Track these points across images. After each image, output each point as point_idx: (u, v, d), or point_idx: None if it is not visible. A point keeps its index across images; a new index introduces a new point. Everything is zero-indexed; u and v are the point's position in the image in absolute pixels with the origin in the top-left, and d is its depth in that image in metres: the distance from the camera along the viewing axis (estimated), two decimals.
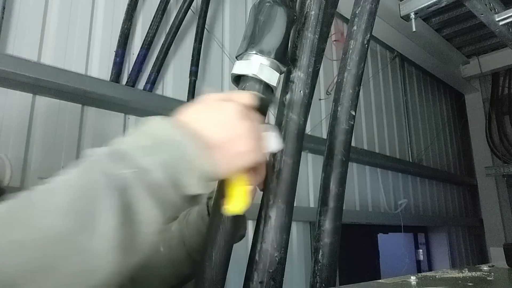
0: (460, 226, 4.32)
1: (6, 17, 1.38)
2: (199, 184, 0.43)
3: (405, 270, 3.47)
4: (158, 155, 0.41)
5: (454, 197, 4.40)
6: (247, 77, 0.62)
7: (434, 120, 4.31)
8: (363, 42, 0.81)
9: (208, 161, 0.44)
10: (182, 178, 0.42)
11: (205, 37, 1.97)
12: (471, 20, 3.38)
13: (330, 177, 0.75)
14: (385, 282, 0.68)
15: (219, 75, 2.08)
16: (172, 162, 0.42)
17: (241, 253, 1.03)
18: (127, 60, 1.71)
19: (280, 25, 0.62)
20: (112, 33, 1.68)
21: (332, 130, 0.78)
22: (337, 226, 0.73)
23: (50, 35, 1.49)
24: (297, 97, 0.68)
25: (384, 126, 3.43)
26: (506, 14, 1.91)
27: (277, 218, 0.63)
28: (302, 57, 0.69)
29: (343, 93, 0.79)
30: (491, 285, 0.71)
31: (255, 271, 0.61)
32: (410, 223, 3.41)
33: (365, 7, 0.83)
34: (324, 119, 2.68)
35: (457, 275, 0.78)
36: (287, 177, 0.64)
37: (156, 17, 1.79)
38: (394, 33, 3.16)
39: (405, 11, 2.08)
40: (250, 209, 0.53)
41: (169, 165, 0.42)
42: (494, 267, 0.92)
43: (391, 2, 2.60)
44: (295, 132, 0.66)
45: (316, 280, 0.70)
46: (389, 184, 3.35)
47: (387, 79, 3.62)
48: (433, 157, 4.10)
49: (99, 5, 1.68)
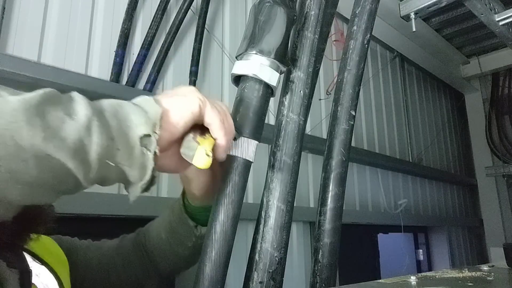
0: (460, 226, 4.32)
1: (6, 17, 1.38)
2: (147, 124, 0.43)
3: (405, 270, 3.47)
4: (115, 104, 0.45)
5: (454, 197, 4.40)
6: (247, 77, 0.62)
7: (434, 120, 4.31)
8: (363, 42, 0.81)
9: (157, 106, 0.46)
10: (130, 117, 0.43)
11: (205, 37, 1.97)
12: (471, 20, 3.39)
13: (330, 177, 0.75)
14: (385, 282, 0.68)
15: (219, 75, 2.08)
16: (121, 104, 0.44)
17: (241, 253, 1.04)
18: (127, 60, 1.71)
19: (280, 25, 0.62)
20: (112, 33, 1.68)
21: (332, 130, 0.78)
22: (337, 226, 0.73)
23: (50, 35, 1.49)
24: (297, 97, 0.68)
25: (384, 126, 3.43)
26: (506, 14, 1.91)
27: (277, 218, 0.63)
28: (302, 57, 0.69)
29: (343, 93, 0.79)
30: (491, 285, 0.71)
31: (255, 271, 0.61)
32: (410, 223, 3.41)
33: (365, 7, 0.83)
34: (324, 119, 2.68)
35: (457, 275, 0.78)
36: (287, 177, 0.64)
37: (156, 17, 1.79)
38: (394, 33, 3.16)
39: (405, 11, 2.08)
40: (250, 209, 0.53)
41: (119, 106, 0.44)
42: (494, 267, 0.92)
43: (391, 2, 2.60)
44: (295, 132, 0.66)
45: (316, 280, 0.70)
46: (389, 184, 3.35)
47: (387, 79, 3.62)
48: (433, 157, 4.10)
49: (99, 5, 1.68)
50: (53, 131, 0.37)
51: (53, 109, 0.38)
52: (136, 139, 0.43)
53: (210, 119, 0.51)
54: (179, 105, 0.48)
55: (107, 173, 0.42)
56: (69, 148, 0.37)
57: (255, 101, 0.61)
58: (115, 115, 0.42)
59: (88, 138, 0.39)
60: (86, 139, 0.39)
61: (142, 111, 0.44)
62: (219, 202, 0.57)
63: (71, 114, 0.39)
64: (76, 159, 0.38)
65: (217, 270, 0.54)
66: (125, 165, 0.42)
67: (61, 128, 0.37)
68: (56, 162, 0.37)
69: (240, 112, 0.61)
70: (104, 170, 0.41)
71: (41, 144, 0.35)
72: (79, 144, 0.38)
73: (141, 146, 0.43)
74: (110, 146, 0.40)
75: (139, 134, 0.43)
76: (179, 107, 0.48)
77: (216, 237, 0.55)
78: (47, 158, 0.36)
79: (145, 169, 0.43)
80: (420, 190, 3.79)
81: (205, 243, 0.56)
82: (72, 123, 0.38)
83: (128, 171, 0.43)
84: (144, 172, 0.43)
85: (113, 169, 0.42)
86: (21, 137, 0.34)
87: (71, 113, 0.39)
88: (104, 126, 0.40)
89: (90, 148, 0.39)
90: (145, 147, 0.43)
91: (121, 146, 0.41)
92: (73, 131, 0.38)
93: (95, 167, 0.40)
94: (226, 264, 0.56)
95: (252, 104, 0.61)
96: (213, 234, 0.56)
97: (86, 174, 0.40)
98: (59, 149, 0.37)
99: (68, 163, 0.37)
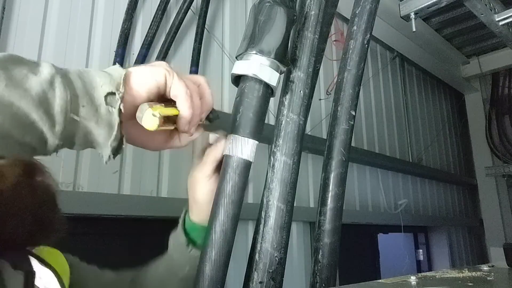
0: (460, 226, 4.33)
1: (6, 17, 1.38)
2: (111, 84, 0.45)
3: (405, 270, 3.47)
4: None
5: (454, 197, 4.40)
6: (247, 77, 0.62)
7: (434, 120, 4.32)
8: (363, 42, 0.81)
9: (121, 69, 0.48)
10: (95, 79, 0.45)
11: (205, 37, 1.97)
12: (471, 20, 3.39)
13: (330, 177, 0.75)
14: (385, 282, 0.68)
15: (219, 75, 2.08)
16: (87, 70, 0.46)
17: (241, 253, 1.04)
18: (127, 60, 1.71)
19: (280, 25, 0.62)
20: (112, 33, 1.68)
21: (332, 130, 0.78)
22: (337, 226, 0.73)
23: (50, 35, 1.49)
24: (297, 97, 0.68)
25: (384, 126, 3.43)
26: (506, 14, 1.91)
27: (277, 218, 0.63)
28: (302, 57, 0.69)
29: (343, 93, 0.79)
30: (491, 285, 0.71)
31: (255, 271, 0.61)
32: (410, 223, 3.41)
33: (365, 7, 0.83)
34: (324, 119, 2.68)
35: (457, 275, 0.78)
36: (287, 177, 0.64)
37: (156, 17, 1.79)
38: (394, 33, 3.16)
39: (405, 11, 2.08)
40: (250, 209, 0.53)
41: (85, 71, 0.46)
42: (494, 267, 0.92)
43: (391, 2, 2.60)
44: (295, 132, 0.66)
45: (316, 280, 0.70)
46: (389, 184, 3.35)
47: (387, 79, 3.63)
48: (433, 157, 4.10)
49: (99, 5, 1.68)
50: (16, 82, 0.39)
51: (17, 66, 0.40)
52: (101, 98, 0.44)
53: (175, 90, 0.51)
54: (143, 72, 0.50)
55: (74, 130, 0.43)
56: (32, 98, 0.39)
57: (255, 101, 0.61)
58: (79, 77, 0.44)
59: (51, 91, 0.41)
60: (50, 93, 0.40)
61: (106, 74, 0.46)
62: (219, 202, 0.57)
63: (35, 72, 0.41)
64: (39, 110, 0.39)
65: (217, 270, 0.54)
66: (91, 121, 0.44)
67: (24, 81, 0.39)
68: (20, 111, 0.38)
69: (240, 112, 0.61)
70: (70, 127, 0.42)
71: (4, 91, 0.37)
72: (42, 96, 0.40)
73: (107, 105, 0.44)
74: (75, 102, 0.42)
75: (103, 93, 0.44)
76: (143, 73, 0.50)
77: (216, 237, 0.55)
78: (10, 106, 0.38)
79: (112, 126, 0.45)
80: (420, 190, 3.79)
81: (205, 243, 0.56)
82: (35, 78, 0.40)
83: (95, 130, 0.44)
84: (111, 129, 0.45)
85: (79, 126, 0.43)
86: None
87: (35, 72, 0.41)
88: (68, 84, 0.42)
89: (54, 101, 0.40)
90: (110, 105, 0.44)
91: (86, 103, 0.43)
92: (36, 85, 0.40)
93: (60, 121, 0.41)
94: (226, 264, 0.56)
95: (252, 104, 0.61)
96: (213, 234, 0.56)
97: (51, 127, 0.41)
98: (22, 97, 0.38)
99: (32, 114, 0.39)
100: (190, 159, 1.90)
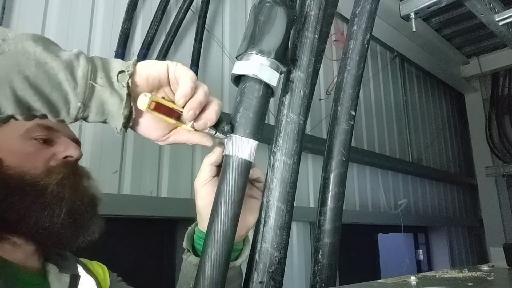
0: (460, 226, 4.33)
1: (6, 17, 1.38)
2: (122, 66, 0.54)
3: (405, 270, 3.47)
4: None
5: (454, 197, 4.40)
6: (247, 77, 0.62)
7: (434, 120, 4.32)
8: (363, 42, 0.81)
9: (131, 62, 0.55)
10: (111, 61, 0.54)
11: (205, 37, 1.97)
12: (471, 20, 3.39)
13: (330, 177, 0.75)
14: (385, 282, 0.68)
15: (219, 75, 2.08)
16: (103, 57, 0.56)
17: None
18: (127, 60, 1.71)
19: (280, 25, 0.62)
20: (112, 33, 1.68)
21: (332, 130, 0.78)
22: (337, 226, 0.73)
23: (50, 35, 1.49)
24: (297, 97, 0.68)
25: (384, 126, 3.43)
26: (506, 14, 1.91)
27: (277, 218, 0.63)
28: (302, 57, 0.69)
29: (343, 93, 0.79)
30: (491, 285, 0.71)
31: (255, 271, 0.61)
32: (410, 223, 3.41)
33: (365, 7, 0.83)
34: (324, 119, 2.68)
35: (457, 275, 0.78)
36: (287, 177, 0.64)
37: (156, 17, 1.79)
38: (394, 33, 3.16)
39: (405, 11, 2.08)
40: None
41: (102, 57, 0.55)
42: (494, 267, 0.92)
43: (391, 2, 2.60)
44: (295, 132, 0.66)
45: (316, 280, 0.70)
46: (389, 184, 3.35)
47: (387, 79, 3.63)
48: (433, 157, 4.10)
49: (99, 5, 1.68)
50: (51, 50, 0.50)
51: (53, 43, 0.52)
52: (115, 75, 0.53)
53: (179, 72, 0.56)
54: (148, 63, 0.57)
55: (91, 96, 0.51)
56: (61, 62, 0.49)
57: (255, 101, 0.61)
58: (99, 58, 0.54)
59: (76, 61, 0.51)
60: (75, 62, 0.51)
61: (120, 61, 0.56)
62: (219, 202, 0.57)
63: (65, 49, 0.52)
64: (66, 72, 0.49)
65: (217, 270, 0.54)
66: (106, 91, 0.52)
67: (57, 51, 0.50)
68: (51, 70, 0.48)
69: (240, 112, 0.61)
70: (89, 93, 0.51)
71: (42, 52, 0.48)
72: (69, 63, 0.50)
73: (118, 82, 0.53)
74: (94, 72, 0.51)
75: (116, 71, 0.54)
76: (147, 62, 0.58)
77: (216, 237, 0.55)
78: (44, 64, 0.48)
79: (122, 97, 0.53)
80: (420, 190, 3.79)
81: (205, 243, 0.57)
82: (65, 52, 0.51)
83: (109, 99, 0.52)
84: (122, 99, 0.52)
85: (96, 94, 0.51)
86: (28, 45, 0.48)
87: (64, 49, 0.52)
88: (90, 60, 0.52)
89: (78, 69, 0.50)
90: (122, 82, 0.53)
91: (103, 76, 0.52)
92: (66, 55, 0.50)
93: (82, 85, 0.50)
94: (226, 264, 0.56)
95: (252, 104, 0.61)
96: (213, 234, 0.56)
97: (74, 89, 0.50)
98: (54, 60, 0.49)
99: (60, 74, 0.49)
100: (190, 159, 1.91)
